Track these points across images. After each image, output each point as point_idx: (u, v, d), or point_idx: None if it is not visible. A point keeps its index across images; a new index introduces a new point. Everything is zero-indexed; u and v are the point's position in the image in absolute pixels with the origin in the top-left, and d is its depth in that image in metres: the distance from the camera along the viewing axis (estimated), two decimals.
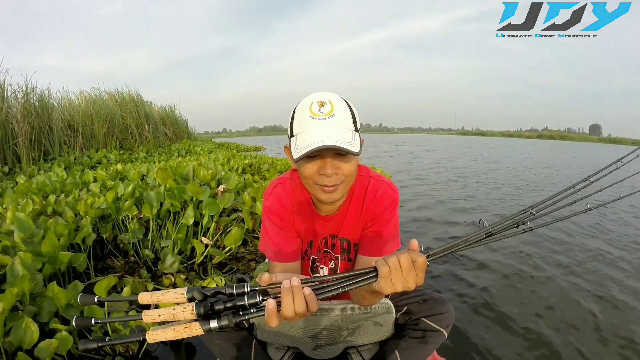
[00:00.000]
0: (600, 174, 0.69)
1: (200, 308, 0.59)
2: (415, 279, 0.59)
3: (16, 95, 6.73)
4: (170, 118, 13.10)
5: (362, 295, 0.82)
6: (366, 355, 1.10)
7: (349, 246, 1.02)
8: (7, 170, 5.40)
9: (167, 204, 2.31)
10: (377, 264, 0.61)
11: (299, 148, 0.81)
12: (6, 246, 1.67)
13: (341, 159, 0.84)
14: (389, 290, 0.60)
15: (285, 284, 0.57)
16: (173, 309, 0.60)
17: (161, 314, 0.60)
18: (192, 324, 0.58)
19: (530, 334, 1.63)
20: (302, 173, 0.88)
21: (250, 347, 1.02)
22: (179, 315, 0.60)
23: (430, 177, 7.26)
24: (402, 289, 0.60)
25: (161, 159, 6.47)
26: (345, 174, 0.86)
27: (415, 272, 0.59)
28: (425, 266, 0.59)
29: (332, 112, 0.82)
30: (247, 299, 0.58)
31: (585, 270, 2.35)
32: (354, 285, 0.60)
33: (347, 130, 0.83)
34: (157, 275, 2.00)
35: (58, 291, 1.32)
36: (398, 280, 0.59)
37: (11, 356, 1.17)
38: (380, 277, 0.59)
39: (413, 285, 0.60)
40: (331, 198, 0.88)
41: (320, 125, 0.81)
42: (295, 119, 0.86)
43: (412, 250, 0.60)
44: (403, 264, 0.59)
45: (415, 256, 0.59)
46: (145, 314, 0.61)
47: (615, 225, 3.60)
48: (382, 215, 0.96)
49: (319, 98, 0.84)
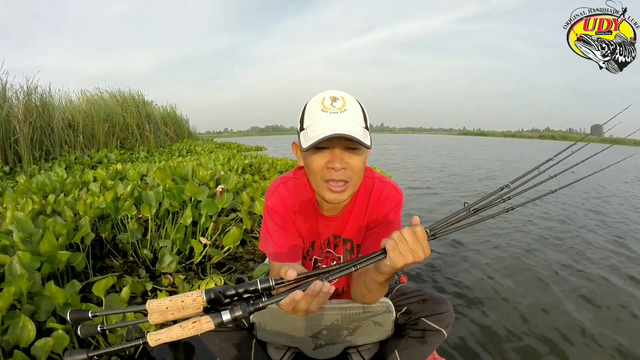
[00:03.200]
0: (560, 157, 0.74)
1: (211, 293, 0.56)
2: (422, 249, 0.63)
3: (17, 95, 6.75)
4: (172, 118, 13.11)
5: (368, 289, 0.82)
6: (366, 355, 1.09)
7: (352, 247, 1.02)
8: (8, 170, 5.41)
9: (166, 204, 2.31)
10: (383, 242, 0.66)
11: (309, 138, 0.81)
12: (5, 245, 1.67)
13: (350, 153, 0.84)
14: (400, 262, 0.63)
15: (317, 287, 0.59)
16: (182, 300, 0.55)
17: (168, 306, 0.54)
18: (201, 318, 0.53)
19: (530, 333, 1.61)
20: (309, 167, 0.87)
21: (250, 347, 1.02)
22: (188, 305, 0.54)
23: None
24: (412, 259, 0.63)
25: (162, 159, 6.47)
26: (353, 171, 0.85)
27: (420, 243, 0.63)
28: (425, 235, 0.63)
29: (344, 107, 0.83)
30: (260, 283, 0.58)
31: (586, 265, 2.34)
32: (366, 263, 0.64)
33: (358, 126, 0.83)
34: (156, 275, 2.00)
35: (56, 290, 1.33)
36: (407, 250, 0.63)
37: (8, 354, 1.17)
38: (389, 251, 0.63)
39: (422, 255, 0.63)
40: (338, 199, 0.87)
41: (332, 117, 0.81)
42: (306, 113, 0.86)
43: (412, 225, 0.65)
44: (406, 235, 0.63)
45: (414, 228, 0.64)
46: (150, 304, 0.55)
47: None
48: (387, 217, 0.96)
49: (332, 94, 0.85)
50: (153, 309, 0.55)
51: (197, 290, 0.57)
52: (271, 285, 0.59)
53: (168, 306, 0.55)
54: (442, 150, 17.22)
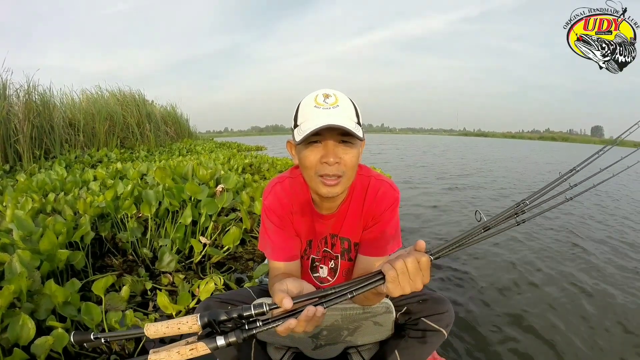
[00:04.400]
0: (585, 163, 0.70)
1: (205, 318, 0.58)
2: (422, 280, 0.61)
3: (18, 94, 6.74)
4: (172, 117, 13.10)
5: (365, 297, 0.82)
6: (366, 355, 1.09)
7: (349, 246, 1.02)
8: (8, 169, 5.41)
9: (166, 203, 2.31)
10: (384, 268, 0.62)
11: (302, 131, 0.82)
12: (5, 244, 1.67)
13: (344, 147, 0.84)
14: (397, 294, 0.61)
15: (310, 312, 0.58)
16: (178, 327, 0.59)
17: (166, 332, 0.59)
18: (197, 344, 0.57)
19: (530, 333, 1.61)
20: (303, 162, 0.87)
21: (250, 347, 1.02)
22: (184, 330, 0.59)
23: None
24: (410, 291, 0.61)
25: (162, 158, 6.46)
26: (347, 165, 0.85)
27: (422, 273, 0.60)
28: (429, 265, 0.61)
29: (336, 103, 0.84)
30: (254, 309, 0.59)
31: (588, 266, 2.34)
32: (362, 290, 0.61)
33: (351, 120, 0.84)
34: (156, 274, 2.00)
35: (55, 289, 1.33)
36: (406, 283, 0.60)
37: (7, 352, 1.17)
38: (388, 282, 0.61)
39: (421, 286, 0.61)
40: (332, 192, 0.87)
41: (324, 113, 0.83)
42: (299, 111, 0.87)
43: (416, 251, 0.61)
44: (410, 267, 0.60)
45: (419, 256, 0.60)
46: (148, 328, 0.59)
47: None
48: (383, 215, 0.96)
49: (324, 91, 0.87)
50: (151, 334, 0.59)
51: (191, 315, 0.60)
52: (264, 310, 0.59)
53: (165, 332, 0.59)
54: (435, 150, 17.73)
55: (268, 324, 0.58)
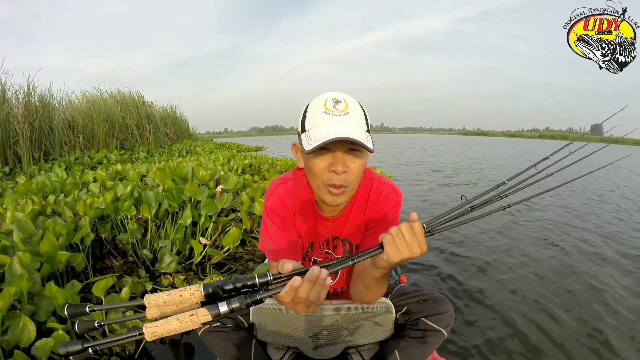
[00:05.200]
0: (556, 156, 0.75)
1: (209, 288, 0.55)
2: (418, 244, 0.64)
3: (17, 96, 6.74)
4: (172, 118, 13.09)
5: (366, 285, 0.82)
6: (366, 355, 1.09)
7: (351, 248, 1.02)
8: (7, 171, 5.41)
9: (166, 204, 2.31)
10: (381, 237, 0.66)
11: (312, 140, 0.80)
12: (5, 246, 1.67)
13: (352, 156, 0.84)
14: (396, 257, 0.64)
15: (315, 272, 0.59)
16: (180, 294, 0.55)
17: (166, 300, 0.55)
18: (198, 310, 0.53)
19: (531, 333, 1.61)
20: (310, 170, 0.87)
21: (250, 347, 1.02)
22: (186, 299, 0.55)
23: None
24: (409, 255, 0.64)
25: (162, 159, 6.46)
26: (353, 175, 0.85)
27: (417, 238, 0.63)
28: (422, 231, 0.64)
29: (346, 109, 0.83)
30: (258, 278, 0.58)
31: (585, 260, 2.34)
32: (363, 257, 0.65)
33: (361, 129, 0.83)
34: (156, 275, 1.99)
35: (56, 290, 1.33)
36: (403, 246, 0.63)
37: (8, 354, 1.17)
38: (386, 245, 0.64)
39: (418, 251, 0.64)
40: (336, 201, 0.88)
41: (334, 120, 0.81)
42: (307, 115, 0.86)
43: (410, 221, 0.65)
44: (404, 231, 0.63)
45: (411, 223, 0.64)
46: (148, 299, 0.55)
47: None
48: (385, 218, 0.96)
49: (334, 96, 0.85)
50: (151, 303, 0.55)
51: (195, 284, 0.57)
52: (269, 279, 0.59)
53: (166, 300, 0.55)
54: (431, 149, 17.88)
55: (272, 291, 0.58)
